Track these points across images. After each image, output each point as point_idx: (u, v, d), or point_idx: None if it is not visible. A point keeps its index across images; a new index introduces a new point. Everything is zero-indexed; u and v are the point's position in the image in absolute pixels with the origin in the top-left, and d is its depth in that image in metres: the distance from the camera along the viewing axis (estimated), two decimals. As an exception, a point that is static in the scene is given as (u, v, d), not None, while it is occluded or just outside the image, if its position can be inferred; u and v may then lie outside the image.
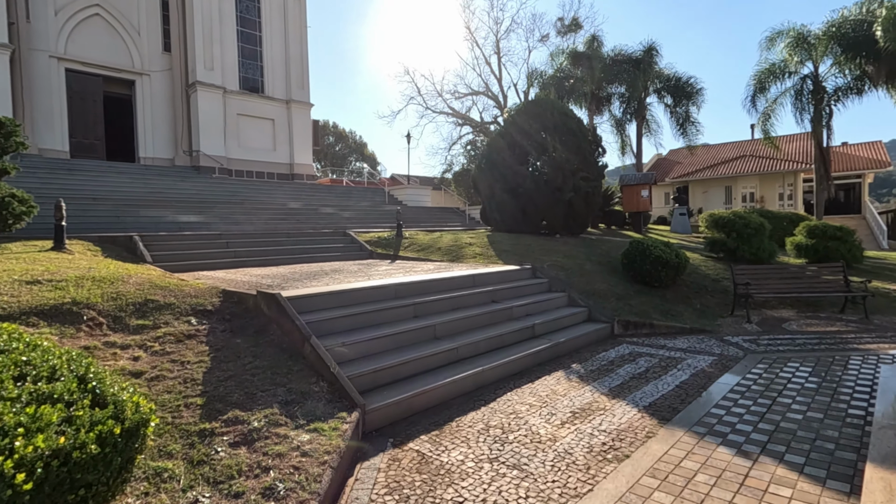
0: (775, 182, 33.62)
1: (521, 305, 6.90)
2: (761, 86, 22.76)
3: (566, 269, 9.51)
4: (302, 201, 20.75)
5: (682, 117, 28.34)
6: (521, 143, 13.72)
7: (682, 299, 8.90)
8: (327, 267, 8.90)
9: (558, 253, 10.95)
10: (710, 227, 12.09)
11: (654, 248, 8.96)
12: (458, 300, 6.45)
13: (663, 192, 38.41)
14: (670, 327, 7.40)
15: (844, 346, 6.23)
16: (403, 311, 5.74)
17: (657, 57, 28.18)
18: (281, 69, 26.01)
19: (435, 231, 14.56)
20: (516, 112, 14.42)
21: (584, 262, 10.37)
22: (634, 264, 9.20)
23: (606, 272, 9.82)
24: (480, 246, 11.17)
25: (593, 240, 14.13)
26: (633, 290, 8.93)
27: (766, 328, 7.47)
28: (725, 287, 9.62)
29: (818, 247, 11.39)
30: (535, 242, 12.10)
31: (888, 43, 16.73)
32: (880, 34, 17.02)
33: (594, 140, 14.81)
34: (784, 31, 21.51)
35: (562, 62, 29.65)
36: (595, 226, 20.24)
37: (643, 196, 18.09)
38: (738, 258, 11.15)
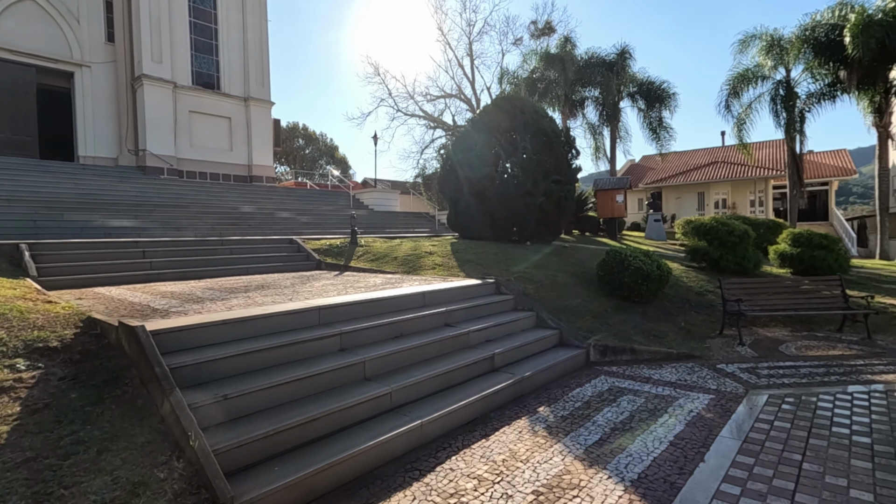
0: (746, 188, 33.63)
1: (480, 329, 5.73)
2: (735, 91, 22.40)
3: (536, 281, 8.42)
4: (256, 205, 19.22)
5: (656, 122, 27.93)
6: (490, 142, 12.64)
7: (666, 316, 7.90)
8: (257, 281, 7.56)
9: (528, 263, 9.87)
10: (691, 234, 11.22)
11: (634, 259, 7.95)
12: (403, 325, 5.24)
13: (637, 198, 38.13)
14: (654, 353, 6.35)
15: (857, 378, 5.27)
16: (326, 344, 4.49)
17: (630, 60, 27.77)
18: (239, 65, 24.41)
19: (396, 238, 13.33)
20: (485, 110, 13.36)
21: (557, 273, 9.31)
22: (612, 277, 8.17)
23: (581, 285, 8.77)
24: (442, 255, 9.99)
25: (567, 248, 13.14)
26: (611, 307, 7.89)
27: (762, 352, 6.50)
28: (711, 301, 8.69)
29: (803, 256, 10.62)
30: (504, 251, 11.00)
31: (856, 50, 16.39)
32: (849, 40, 16.68)
33: (567, 141, 13.87)
34: (757, 35, 21.18)
35: (534, 64, 28.97)
36: (569, 232, 19.35)
37: (618, 201, 17.28)
38: (722, 268, 10.28)
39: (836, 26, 17.73)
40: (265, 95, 25.08)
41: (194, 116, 22.86)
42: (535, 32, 36.54)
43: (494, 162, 12.59)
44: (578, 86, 28.58)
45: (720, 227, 10.38)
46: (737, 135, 23.21)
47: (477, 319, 6.08)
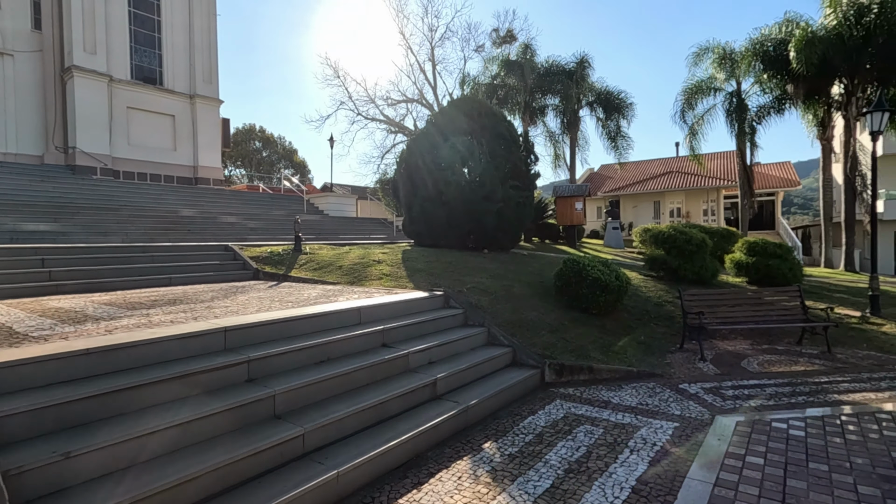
0: (700, 198, 34.58)
1: (423, 350, 5.07)
2: (689, 102, 22.83)
3: (490, 293, 7.84)
4: (199, 209, 17.95)
5: (614, 131, 28.25)
6: (446, 145, 12.06)
7: (624, 329, 7.48)
8: (175, 293, 6.62)
9: (484, 272, 9.30)
10: (649, 242, 10.98)
11: (592, 269, 7.51)
12: (331, 347, 4.51)
13: (595, 207, 38.61)
14: (613, 371, 5.86)
15: (825, 398, 4.92)
16: (229, 374, 3.71)
17: (589, 69, 27.98)
18: (184, 60, 22.98)
19: (347, 245, 12.53)
20: (442, 111, 12.80)
21: (513, 283, 8.78)
22: (569, 288, 7.70)
23: (538, 296, 8.27)
24: (391, 264, 9.29)
25: (525, 256, 12.69)
26: (569, 319, 7.40)
27: (724, 368, 6.13)
28: (670, 313, 8.36)
29: (759, 265, 10.56)
30: (459, 259, 10.41)
31: (799, 65, 16.88)
32: (793, 55, 17.18)
33: (526, 146, 13.48)
34: (710, 48, 21.67)
35: (496, 70, 28.83)
36: (529, 239, 19.03)
37: (577, 209, 17.08)
38: (680, 278, 10.05)
39: (783, 41, 18.26)
40: (213, 93, 23.72)
41: (133, 113, 21.29)
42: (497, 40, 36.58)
43: (451, 165, 12.02)
44: (539, 93, 28.64)
45: (678, 235, 10.16)
46: (689, 144, 23.68)
47: (420, 338, 5.41)
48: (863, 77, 17.45)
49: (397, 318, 5.58)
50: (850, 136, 18.12)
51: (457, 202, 11.70)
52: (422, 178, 12.12)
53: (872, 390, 5.09)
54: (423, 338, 5.44)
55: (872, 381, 5.40)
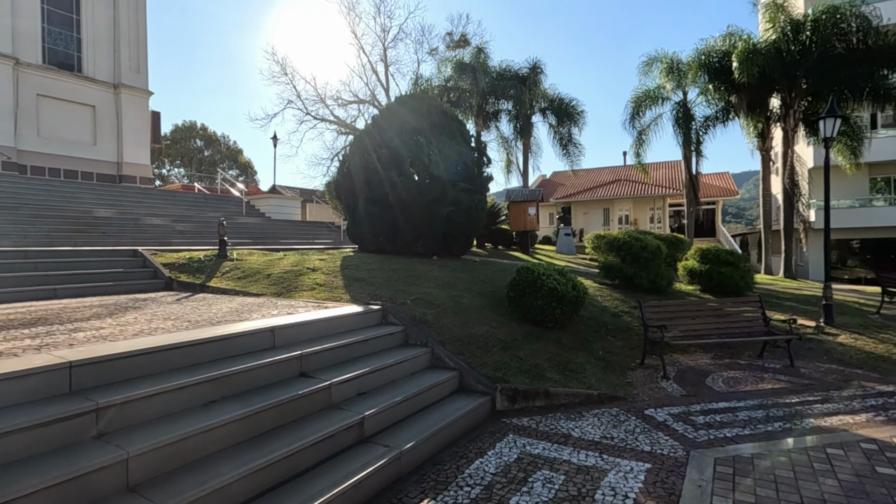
0: (646, 205, 35.45)
1: (351, 379, 4.19)
2: (637, 110, 23.13)
3: (437, 305, 7.05)
4: (119, 209, 16.16)
5: (566, 138, 28.37)
6: (393, 143, 11.21)
7: (582, 343, 6.89)
8: (49, 309, 5.37)
9: (431, 281, 8.51)
10: (603, 249, 10.55)
11: (547, 279, 6.87)
12: (228, 382, 3.55)
13: (548, 213, 38.85)
14: (572, 395, 5.20)
15: (802, 424, 4.45)
16: (72, 429, 2.70)
17: (542, 76, 27.96)
18: (107, 45, 20.88)
19: (283, 251, 11.39)
20: (389, 107, 11.95)
21: (463, 293, 8.04)
22: (523, 299, 7.03)
23: (490, 308, 7.55)
24: (328, 272, 8.31)
25: (477, 262, 12.02)
26: (523, 334, 6.72)
27: (689, 387, 5.62)
28: (628, 324, 7.87)
29: (712, 273, 10.37)
30: (405, 267, 9.56)
31: (742, 76, 17.31)
32: (736, 66, 17.60)
33: (478, 148, 12.85)
34: (658, 58, 22.03)
35: (448, 72, 28.30)
36: (482, 245, 18.45)
37: (530, 214, 16.66)
38: (635, 286, 9.66)
39: (727, 53, 18.71)
40: (141, 83, 21.71)
41: (45, 101, 19.04)
42: (451, 44, 36.19)
43: (397, 165, 11.17)
44: (492, 97, 28.34)
45: (633, 242, 9.78)
46: (636, 151, 24.00)
47: (349, 364, 4.52)
48: (799, 91, 18.12)
49: (322, 340, 4.66)
50: (789, 147, 18.78)
51: (403, 205, 10.86)
52: (366, 178, 11.19)
53: (847, 412, 4.68)
54: (353, 363, 4.55)
55: (843, 400, 5.02)
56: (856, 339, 7.35)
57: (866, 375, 5.93)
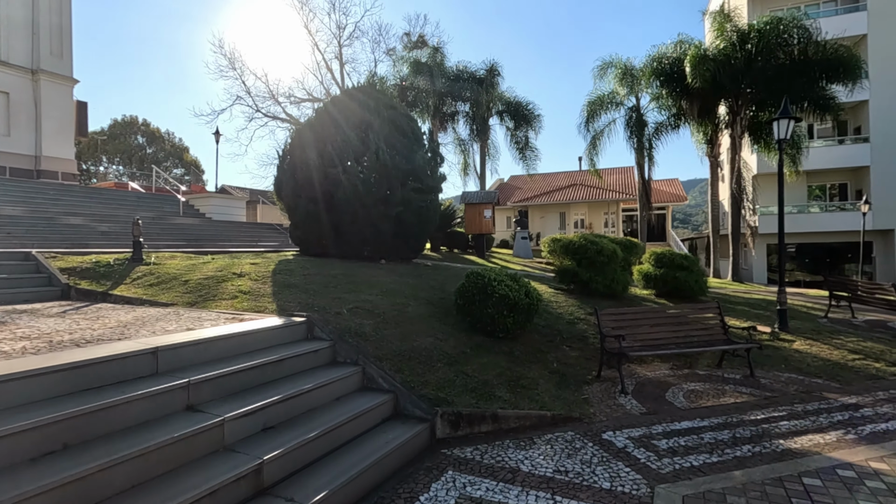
0: (601, 210, 35.97)
1: (253, 412, 3.40)
2: (592, 114, 23.24)
3: (378, 315, 6.33)
4: (32, 207, 14.50)
5: (522, 141, 28.26)
6: (337, 138, 10.39)
7: (536, 355, 6.34)
8: None
9: (375, 288, 7.77)
10: (559, 252, 10.14)
11: (499, 285, 6.29)
12: (77, 424, 2.71)
13: (505, 216, 38.77)
14: (523, 417, 4.60)
15: (771, 446, 4.03)
16: None
17: (499, 78, 27.74)
18: (24, 27, 18.88)
19: (218, 254, 10.34)
20: (334, 100, 11.12)
21: (409, 301, 7.35)
22: (472, 307, 6.41)
23: (437, 317, 6.90)
24: (258, 278, 7.42)
25: (429, 267, 11.36)
26: (472, 346, 6.10)
27: (649, 403, 5.16)
28: (584, 332, 7.42)
29: (667, 277, 10.16)
30: (348, 271, 8.78)
31: (694, 80, 17.59)
32: (689, 70, 17.88)
33: (431, 146, 12.21)
34: (613, 63, 22.20)
35: (405, 71, 27.64)
36: (436, 248, 17.82)
37: (486, 217, 16.18)
38: (591, 291, 9.27)
39: (678, 59, 19.00)
40: (64, 70, 19.78)
41: (-55, 85, 16.92)
42: (409, 45, 35.56)
43: (342, 162, 10.36)
44: (449, 98, 27.90)
45: (589, 245, 9.40)
46: (589, 156, 24.12)
47: (255, 391, 3.73)
48: (745, 99, 18.61)
49: (226, 361, 3.85)
50: (736, 153, 19.24)
51: (348, 204, 10.06)
52: (308, 175, 10.32)
53: (816, 430, 4.31)
54: (262, 389, 3.76)
55: (809, 416, 4.67)
56: (811, 346, 7.18)
57: (827, 385, 5.67)
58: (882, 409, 4.77)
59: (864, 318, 9.52)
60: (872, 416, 4.61)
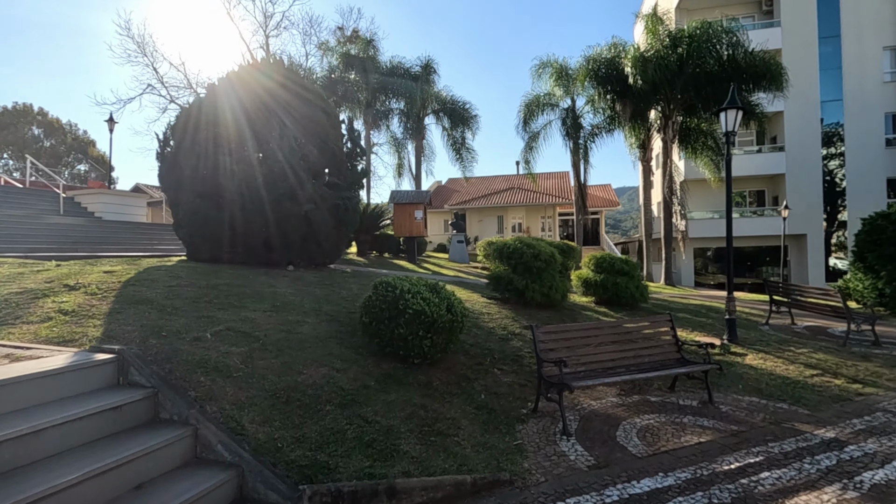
0: (538, 214, 35.83)
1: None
2: (528, 115, 22.71)
3: (257, 338, 4.83)
4: None
5: (459, 142, 27.38)
6: (231, 122, 8.69)
7: (459, 384, 5.10)
8: None
9: (265, 302, 6.23)
10: (493, 257, 9.03)
11: (413, 298, 4.98)
12: None
13: (443, 220, 37.76)
14: (433, 488, 3.30)
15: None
16: None
17: (435, 76, 26.69)
18: None
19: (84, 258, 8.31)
20: (230, 77, 9.37)
21: (306, 318, 5.88)
22: (381, 326, 5.06)
23: (340, 338, 5.50)
24: (100, 291, 5.64)
25: (348, 274, 9.88)
26: (377, 377, 4.75)
27: (597, 448, 4.05)
28: (518, 350, 6.28)
29: (607, 283, 9.33)
30: (236, 281, 7.16)
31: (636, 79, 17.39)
32: (630, 70, 17.67)
33: (351, 136, 10.74)
34: (549, 63, 21.76)
35: (335, 62, 25.90)
36: (364, 253, 16.30)
37: (417, 218, 14.90)
38: (527, 301, 8.21)
39: (612, 61, 18.76)
40: None
41: None
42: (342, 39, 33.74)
43: (239, 149, 8.67)
44: (382, 95, 26.47)
45: (525, 249, 8.35)
46: (525, 158, 23.60)
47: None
48: (676, 103, 18.68)
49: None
50: (668, 157, 19.27)
51: (244, 200, 8.40)
52: (195, 164, 8.54)
53: (808, 487, 3.35)
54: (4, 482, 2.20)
55: (791, 462, 3.74)
56: (764, 360, 6.48)
57: (795, 413, 4.85)
58: (869, 447, 3.94)
59: (805, 325, 9.17)
60: (862, 457, 3.76)
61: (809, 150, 26.12)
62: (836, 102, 26.51)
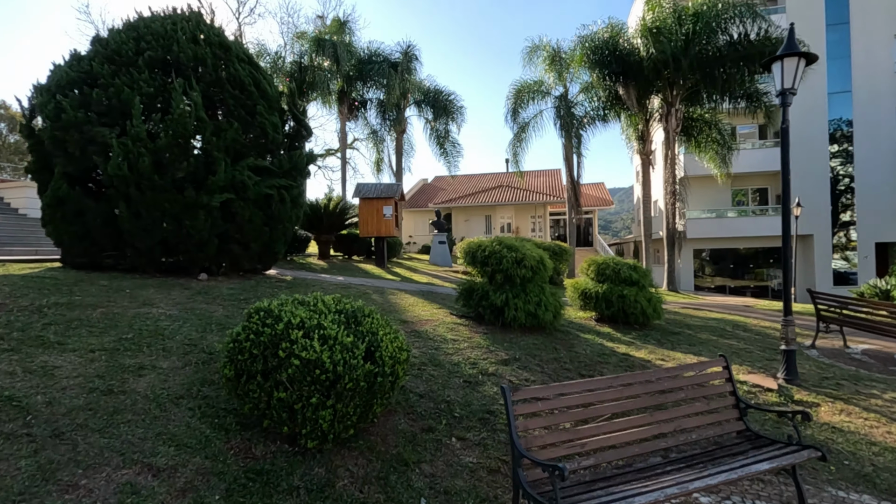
0: (528, 213, 33.85)
1: None
2: (518, 103, 20.70)
3: (25, 407, 2.72)
4: None
5: (443, 135, 25.31)
6: (118, 85, 6.53)
7: (383, 482, 3.00)
8: None
9: (108, 333, 4.14)
10: (469, 262, 6.94)
11: (304, 339, 2.88)
12: None
13: (428, 219, 35.67)
14: None
15: None
16: None
17: (416, 63, 24.53)
18: None
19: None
20: (124, 29, 7.21)
21: (158, 361, 3.77)
22: (251, 384, 2.96)
23: (201, 396, 3.39)
24: None
25: (283, 284, 7.76)
26: (237, 477, 2.65)
27: None
28: (491, 404, 4.20)
29: (611, 295, 7.29)
30: (94, 299, 5.04)
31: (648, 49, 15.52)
32: (640, 42, 15.80)
33: (293, 112, 8.60)
34: (541, 46, 19.77)
35: (306, 47, 23.72)
36: (325, 255, 14.16)
37: (386, 215, 12.77)
38: (507, 322, 6.13)
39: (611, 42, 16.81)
40: None
41: None
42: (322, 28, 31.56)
43: (122, 118, 6.50)
44: (360, 83, 24.34)
45: (505, 252, 6.28)
46: (513, 149, 21.59)
47: None
48: (680, 89, 16.79)
49: None
50: (671, 149, 17.36)
51: (127, 185, 6.24)
52: (61, 137, 6.36)
53: None
54: None
55: None
56: (848, 415, 4.46)
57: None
58: None
59: (862, 348, 7.19)
60: None
61: (816, 145, 24.44)
62: (844, 94, 24.86)
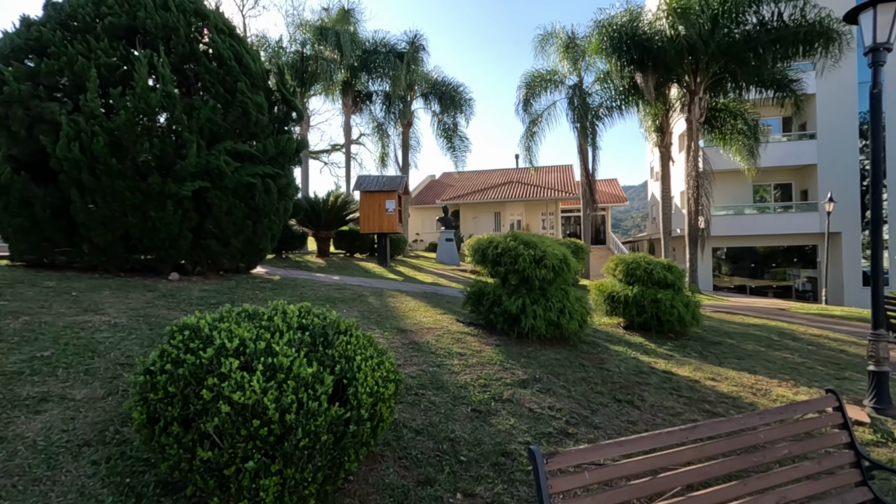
0: (538, 210, 32.80)
1: None
2: (530, 94, 19.68)
3: None
4: None
5: (451, 129, 24.33)
6: (71, 54, 5.65)
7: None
8: None
9: (15, 352, 3.20)
10: (478, 260, 5.97)
11: (237, 373, 1.95)
12: None
13: (436, 216, 34.74)
14: None
15: None
16: None
17: (423, 53, 23.56)
18: None
19: None
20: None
21: (70, 390, 2.90)
22: (167, 435, 2.03)
23: (115, 443, 2.46)
24: None
25: (267, 286, 6.86)
26: None
27: None
28: (508, 442, 3.22)
29: (643, 300, 6.29)
30: (20, 306, 4.14)
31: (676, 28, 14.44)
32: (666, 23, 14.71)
33: (282, 93, 7.68)
34: (554, 33, 18.72)
35: (308, 37, 22.85)
36: (324, 253, 13.27)
37: (388, 210, 11.84)
38: (523, 333, 5.16)
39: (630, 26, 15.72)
40: None
41: None
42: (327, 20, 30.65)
43: (75, 92, 5.62)
44: (364, 74, 23.42)
45: (521, 249, 5.31)
46: (525, 144, 20.56)
47: None
48: (704, 76, 15.66)
49: None
50: (694, 140, 16.24)
51: (83, 171, 5.35)
52: (4, 114, 5.48)
53: None
54: None
55: None
56: (974, 463, 3.46)
57: None
58: None
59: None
60: None
61: (845, 138, 23.11)
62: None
